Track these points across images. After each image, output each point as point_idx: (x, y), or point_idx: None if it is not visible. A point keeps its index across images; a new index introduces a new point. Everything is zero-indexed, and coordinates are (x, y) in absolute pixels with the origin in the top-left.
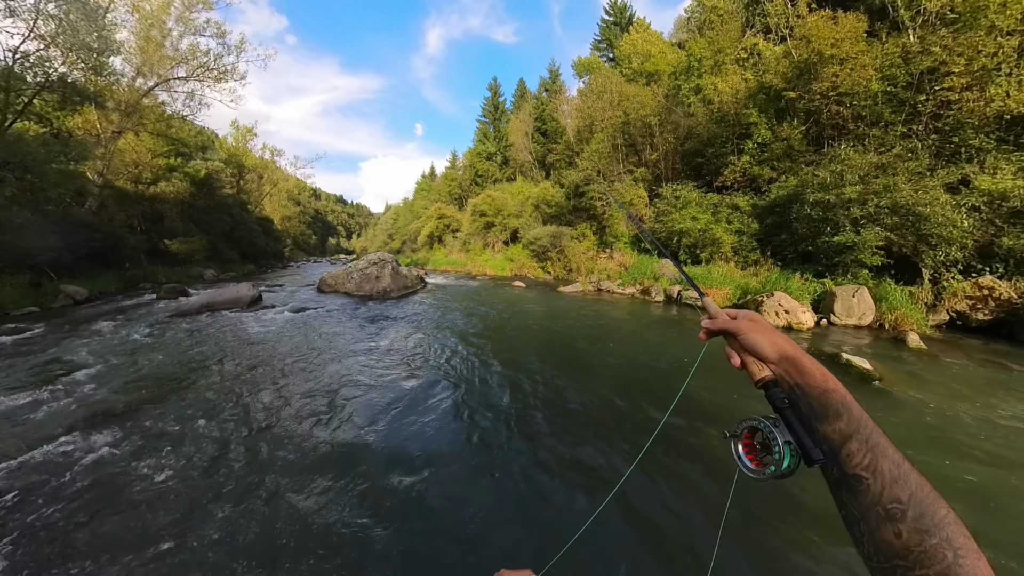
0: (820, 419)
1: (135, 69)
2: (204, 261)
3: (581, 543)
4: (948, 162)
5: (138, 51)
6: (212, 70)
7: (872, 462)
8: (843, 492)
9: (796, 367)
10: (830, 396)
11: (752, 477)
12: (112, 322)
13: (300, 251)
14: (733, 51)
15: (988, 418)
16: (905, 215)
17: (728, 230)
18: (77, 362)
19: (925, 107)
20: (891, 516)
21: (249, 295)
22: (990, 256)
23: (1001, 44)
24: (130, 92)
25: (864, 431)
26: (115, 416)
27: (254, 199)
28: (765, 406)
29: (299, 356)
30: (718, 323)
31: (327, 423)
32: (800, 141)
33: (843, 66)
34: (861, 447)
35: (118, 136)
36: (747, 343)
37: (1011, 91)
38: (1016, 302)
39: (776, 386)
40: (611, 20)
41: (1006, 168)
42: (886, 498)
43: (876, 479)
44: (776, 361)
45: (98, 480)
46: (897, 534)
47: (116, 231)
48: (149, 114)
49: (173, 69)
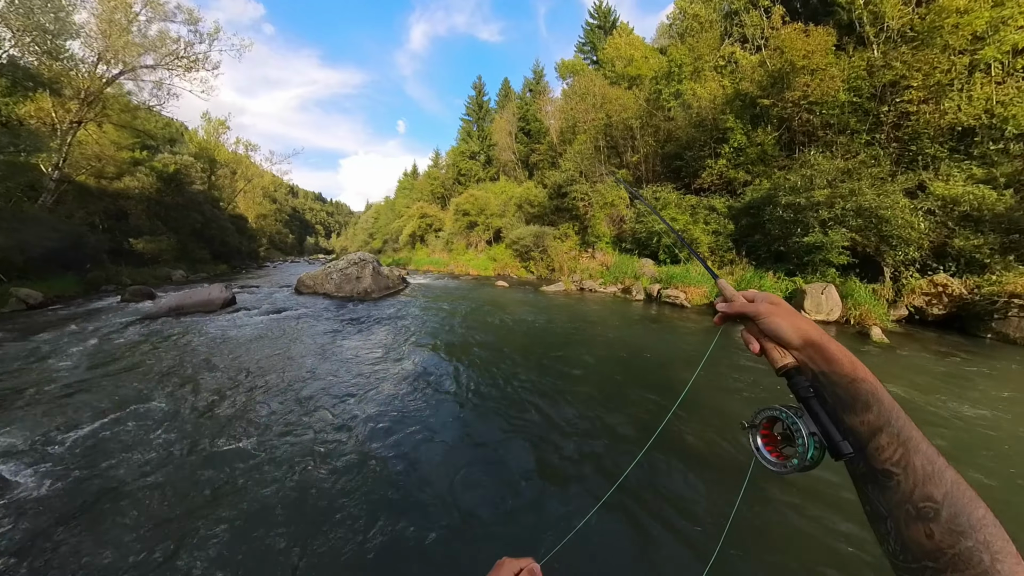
0: (847, 410)
1: (97, 54)
2: (173, 261)
3: (583, 534)
4: (907, 169)
5: (100, 35)
6: (183, 59)
7: (903, 457)
8: (869, 487)
9: (822, 354)
10: (859, 385)
11: (772, 470)
12: (70, 328)
13: (277, 250)
14: (712, 58)
15: (945, 406)
16: (868, 217)
17: (705, 231)
18: (27, 372)
19: (887, 117)
20: (923, 515)
21: (222, 297)
22: (943, 256)
23: (954, 62)
24: (91, 79)
25: (895, 424)
26: (73, 428)
27: (227, 196)
28: (773, 398)
29: (276, 362)
30: (735, 307)
31: (307, 431)
32: (773, 146)
33: (813, 76)
34: (892, 441)
35: (77, 127)
36: (767, 328)
37: (962, 105)
38: (966, 298)
39: (799, 374)
40: (595, 23)
41: (958, 175)
42: (918, 496)
43: (907, 475)
44: (799, 347)
45: (44, 499)
46: (929, 534)
47: (75, 229)
48: (113, 104)
49: (140, 57)
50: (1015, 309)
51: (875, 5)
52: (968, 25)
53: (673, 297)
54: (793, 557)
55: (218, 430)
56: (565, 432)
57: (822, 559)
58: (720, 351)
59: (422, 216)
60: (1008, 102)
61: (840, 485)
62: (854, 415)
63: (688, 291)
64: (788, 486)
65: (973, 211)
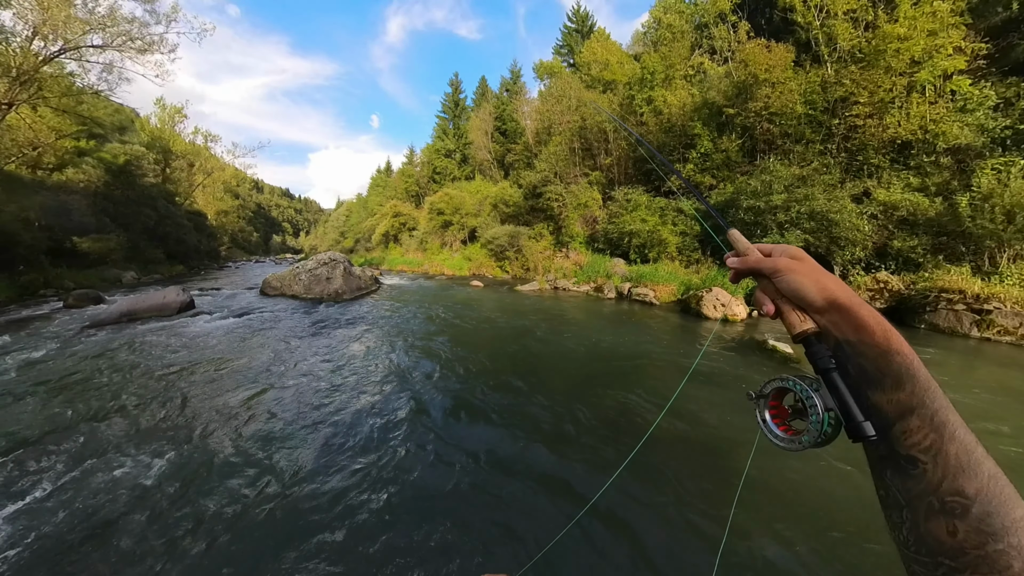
0: (874, 386)
1: (32, 28)
2: (122, 262)
3: (558, 548)
4: (854, 176)
5: (36, 6)
6: (136, 40)
7: (934, 444)
8: (888, 472)
9: (849, 319)
10: (892, 359)
11: (781, 446)
12: (1, 337)
13: (240, 249)
14: (682, 68)
15: None
16: (820, 220)
17: (674, 231)
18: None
19: (838, 129)
20: (948, 510)
21: (178, 301)
22: (884, 255)
23: (895, 82)
24: (24, 56)
25: (930, 405)
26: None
27: (183, 190)
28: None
29: (239, 369)
30: (749, 262)
31: (272, 447)
32: (737, 153)
33: (774, 89)
34: (923, 425)
35: (7, 109)
36: (786, 286)
37: (901, 121)
38: (904, 293)
39: (820, 341)
40: (573, 27)
41: (897, 184)
42: (946, 489)
43: (936, 465)
44: (822, 310)
45: None
46: (951, 531)
47: (5, 226)
48: (51, 85)
49: (86, 35)
50: (944, 303)
51: (829, 27)
52: (907, 50)
53: (643, 295)
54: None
55: (183, 450)
56: (543, 440)
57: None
58: (713, 354)
59: (396, 215)
60: (939, 120)
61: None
62: (880, 392)
63: (657, 289)
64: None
65: (909, 216)
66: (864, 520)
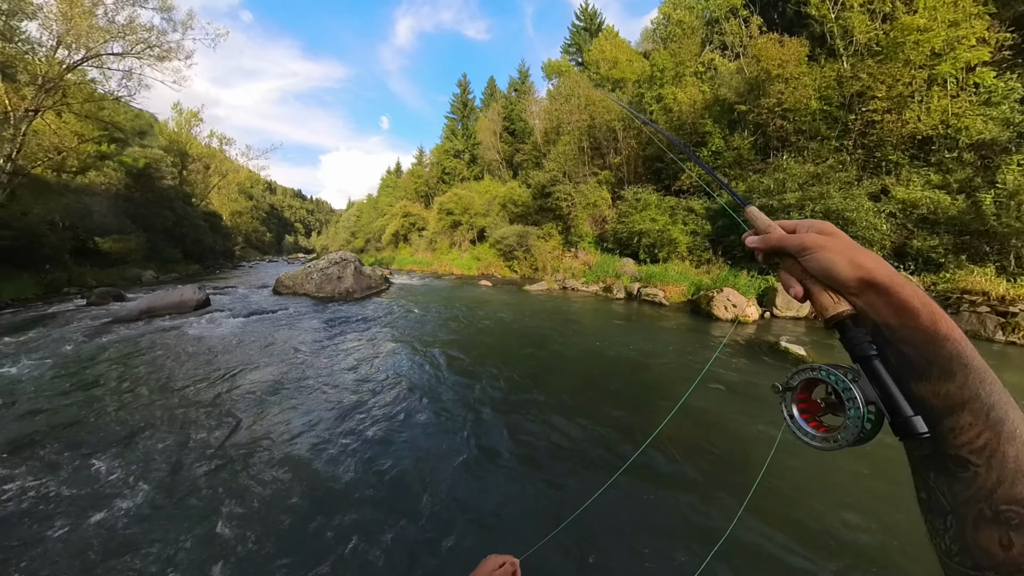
0: (918, 376)
1: (56, 38)
2: (142, 261)
3: (565, 534)
4: (872, 174)
5: (60, 17)
6: (154, 47)
7: (989, 444)
8: (931, 474)
9: (890, 300)
10: (941, 346)
11: (814, 445)
12: (30, 332)
13: (253, 249)
14: (692, 64)
15: None
16: (836, 219)
17: (684, 231)
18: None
19: (854, 125)
20: (1003, 520)
21: (195, 299)
22: (903, 255)
23: (914, 76)
24: (49, 64)
25: (985, 400)
26: (33, 444)
27: (199, 192)
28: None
29: (255, 366)
30: (771, 240)
31: (292, 441)
32: (749, 151)
33: (787, 85)
34: (977, 422)
35: (34, 115)
36: (815, 265)
37: (921, 116)
38: None
39: (857, 325)
40: (581, 25)
41: (916, 181)
42: (1001, 496)
43: (991, 468)
44: (858, 290)
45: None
46: (1006, 545)
47: (32, 227)
48: (75, 92)
49: (107, 43)
50: (967, 305)
51: (844, 20)
52: (927, 42)
53: (652, 295)
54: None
55: (203, 440)
56: (551, 436)
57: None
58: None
59: (405, 215)
60: (961, 114)
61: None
62: (926, 383)
63: (667, 289)
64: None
65: (930, 214)
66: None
